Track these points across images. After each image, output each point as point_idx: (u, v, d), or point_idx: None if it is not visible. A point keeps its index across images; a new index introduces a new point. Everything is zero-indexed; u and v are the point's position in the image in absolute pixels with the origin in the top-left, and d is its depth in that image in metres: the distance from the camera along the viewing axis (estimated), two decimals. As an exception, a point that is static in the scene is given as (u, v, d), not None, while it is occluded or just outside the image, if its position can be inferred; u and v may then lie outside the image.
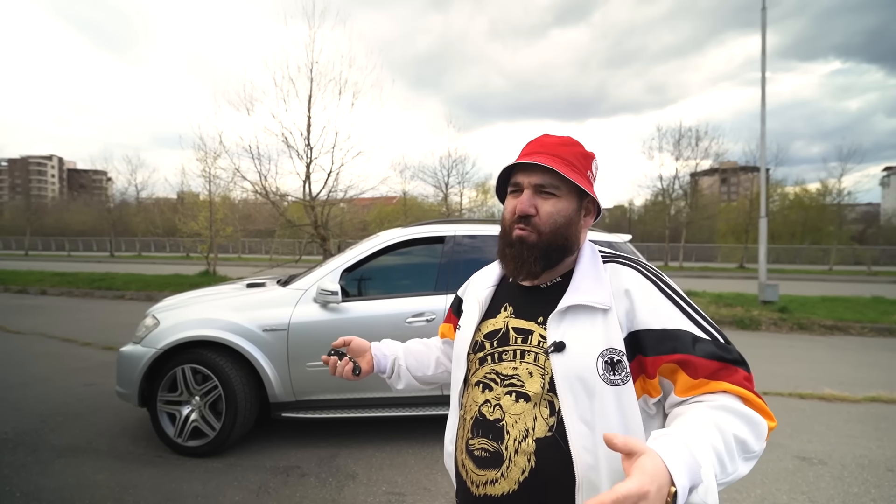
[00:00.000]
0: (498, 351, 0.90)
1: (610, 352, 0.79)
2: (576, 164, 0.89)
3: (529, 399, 0.84)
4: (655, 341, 0.79)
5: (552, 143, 0.90)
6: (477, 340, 0.94)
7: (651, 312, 0.81)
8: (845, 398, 4.23)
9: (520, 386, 0.85)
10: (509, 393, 0.86)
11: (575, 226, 0.89)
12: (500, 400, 0.86)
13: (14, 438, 3.15)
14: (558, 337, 0.82)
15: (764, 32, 10.01)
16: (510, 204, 0.91)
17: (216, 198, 15.16)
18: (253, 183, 10.18)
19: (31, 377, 4.49)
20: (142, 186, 31.78)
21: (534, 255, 0.87)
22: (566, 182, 0.87)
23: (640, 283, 0.85)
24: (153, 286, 11.16)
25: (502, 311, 0.94)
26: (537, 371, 0.84)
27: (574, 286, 0.85)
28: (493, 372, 0.89)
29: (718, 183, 53.77)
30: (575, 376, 0.79)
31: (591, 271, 0.87)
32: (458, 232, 3.40)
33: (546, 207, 0.87)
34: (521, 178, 0.89)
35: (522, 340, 0.88)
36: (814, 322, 7.72)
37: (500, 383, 0.87)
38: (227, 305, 3.17)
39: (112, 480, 2.66)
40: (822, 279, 18.91)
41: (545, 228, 0.87)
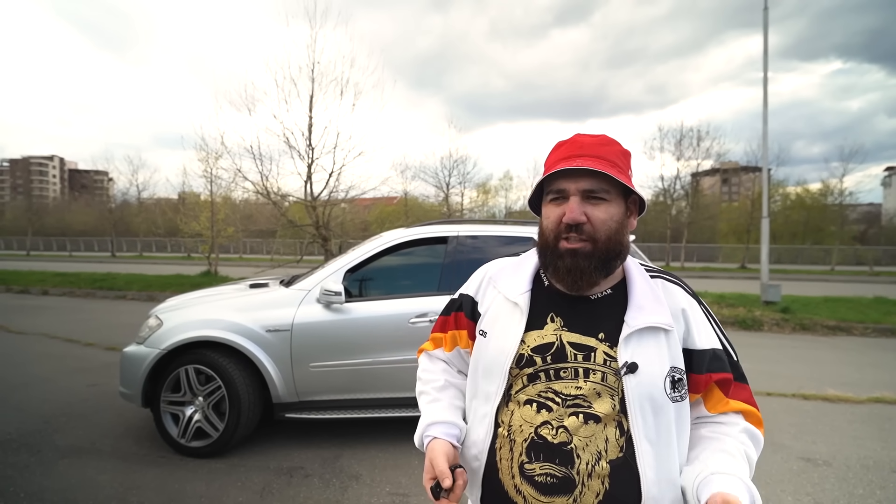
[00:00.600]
0: (554, 368, 0.84)
1: (674, 371, 0.82)
2: (619, 163, 0.85)
3: (600, 420, 0.81)
4: (703, 360, 0.84)
5: (592, 144, 0.85)
6: (522, 354, 0.86)
7: (702, 333, 0.86)
8: (849, 399, 4.22)
9: (587, 407, 0.82)
10: (575, 414, 0.82)
11: (625, 228, 0.87)
12: (565, 421, 0.82)
13: (18, 439, 3.15)
14: (629, 357, 0.80)
15: (766, 32, 9.99)
16: (553, 212, 0.85)
17: (218, 198, 15.18)
18: (254, 183, 10.21)
19: (34, 378, 4.49)
20: (143, 187, 31.82)
21: (592, 264, 0.83)
22: (615, 184, 0.84)
23: (691, 303, 0.89)
24: (155, 286, 11.17)
25: (549, 322, 0.87)
26: (606, 392, 0.82)
27: (636, 304, 0.84)
28: (550, 391, 0.84)
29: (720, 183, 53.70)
30: (646, 397, 0.80)
31: (647, 288, 0.87)
32: (462, 232, 3.40)
33: (598, 214, 0.83)
34: (566, 184, 0.83)
35: (584, 358, 0.83)
36: (816, 323, 7.71)
37: (563, 404, 0.82)
38: (230, 306, 3.17)
39: (116, 481, 2.65)
40: (824, 279, 18.88)
41: (601, 236, 0.83)
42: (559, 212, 0.84)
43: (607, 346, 0.83)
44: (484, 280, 1.00)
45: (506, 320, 0.90)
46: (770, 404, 4.09)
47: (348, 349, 3.05)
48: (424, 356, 1.07)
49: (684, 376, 0.82)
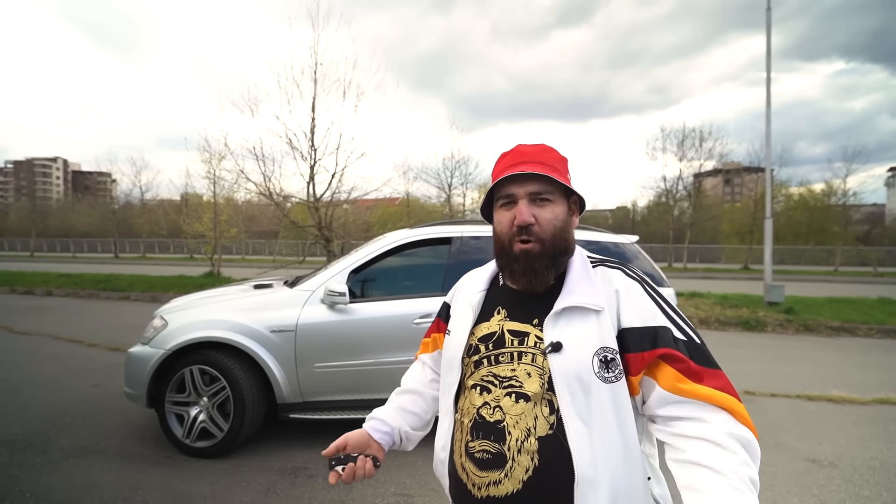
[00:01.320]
0: (494, 353, 0.91)
1: (604, 350, 0.82)
2: (559, 167, 0.93)
3: (529, 399, 0.85)
4: (639, 338, 0.82)
5: (533, 152, 0.93)
6: (471, 344, 0.94)
7: (636, 311, 0.85)
8: (854, 400, 4.20)
9: (519, 386, 0.86)
10: (509, 394, 0.87)
11: (569, 226, 0.94)
12: (500, 401, 0.87)
13: (23, 439, 3.16)
14: (555, 338, 0.84)
15: (769, 32, 9.97)
16: (505, 216, 0.92)
17: (220, 199, 15.23)
18: (257, 184, 10.23)
19: (39, 378, 4.51)
20: (146, 188, 31.91)
21: (543, 263, 0.89)
22: (557, 186, 0.91)
23: (627, 284, 0.89)
24: (158, 287, 11.20)
25: (496, 315, 0.95)
26: (536, 371, 0.86)
27: (567, 289, 0.88)
28: (491, 374, 0.90)
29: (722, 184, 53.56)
30: (572, 375, 0.81)
31: (583, 274, 0.90)
32: (465, 233, 3.40)
33: (545, 214, 0.90)
34: (514, 189, 0.90)
35: (519, 342, 0.89)
36: (820, 323, 7.68)
37: (499, 385, 0.88)
38: (234, 306, 3.18)
39: (121, 481, 2.66)
40: (827, 280, 18.81)
41: (546, 235, 0.89)
42: (510, 215, 0.91)
43: (538, 330, 0.88)
44: (457, 288, 1.11)
45: (463, 317, 0.99)
46: (774, 405, 4.08)
47: (352, 350, 3.06)
48: (416, 361, 1.19)
49: (617, 356, 0.82)
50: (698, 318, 8.05)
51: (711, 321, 7.98)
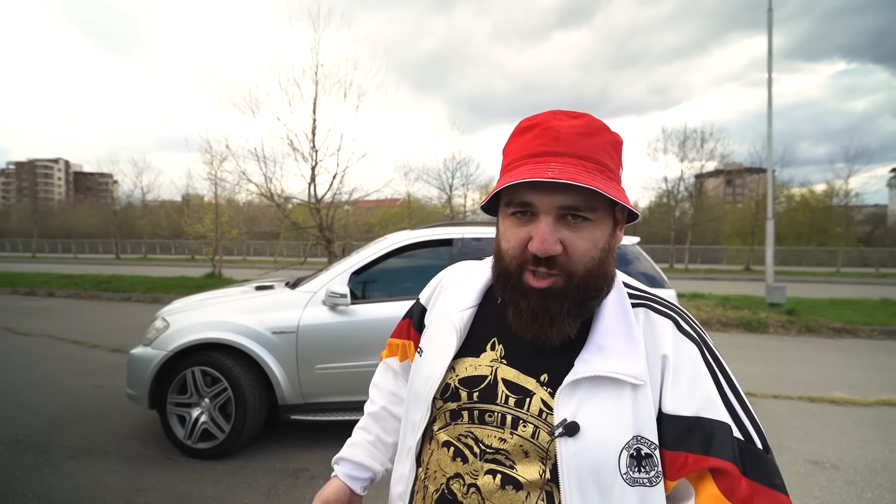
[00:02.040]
0: (479, 408, 0.66)
1: (638, 441, 0.58)
2: (610, 163, 0.61)
3: (521, 488, 0.62)
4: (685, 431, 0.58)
5: (572, 134, 0.60)
6: (449, 384, 0.69)
7: (687, 391, 0.59)
8: (856, 402, 4.19)
9: (509, 467, 0.63)
10: (492, 473, 0.63)
11: (612, 253, 0.64)
12: (479, 479, 0.64)
13: (25, 440, 3.17)
14: (570, 414, 0.59)
15: (770, 33, 9.97)
16: (515, 233, 0.62)
17: (222, 200, 15.27)
18: (258, 185, 10.24)
19: (41, 379, 4.52)
20: (147, 189, 32.00)
21: (564, 307, 0.60)
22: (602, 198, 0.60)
23: (681, 346, 0.62)
24: (159, 288, 11.22)
25: (488, 350, 0.68)
26: (535, 452, 0.62)
27: (596, 342, 0.62)
28: (471, 435, 0.66)
29: (723, 184, 53.53)
30: (588, 470, 0.58)
31: (621, 322, 0.63)
32: (467, 235, 3.40)
33: (579, 242, 0.60)
34: (535, 197, 0.59)
35: (517, 403, 0.64)
36: (822, 324, 7.67)
37: (481, 456, 0.64)
38: (236, 308, 3.18)
39: (122, 482, 2.67)
40: (829, 281, 18.77)
41: (578, 269, 0.60)
42: (523, 234, 0.61)
43: (547, 393, 0.63)
44: (438, 287, 0.82)
45: (441, 341, 0.72)
46: (776, 407, 4.07)
47: (354, 351, 3.06)
48: (381, 365, 0.95)
49: (655, 452, 0.58)
50: (700, 319, 8.05)
51: (713, 322, 7.98)
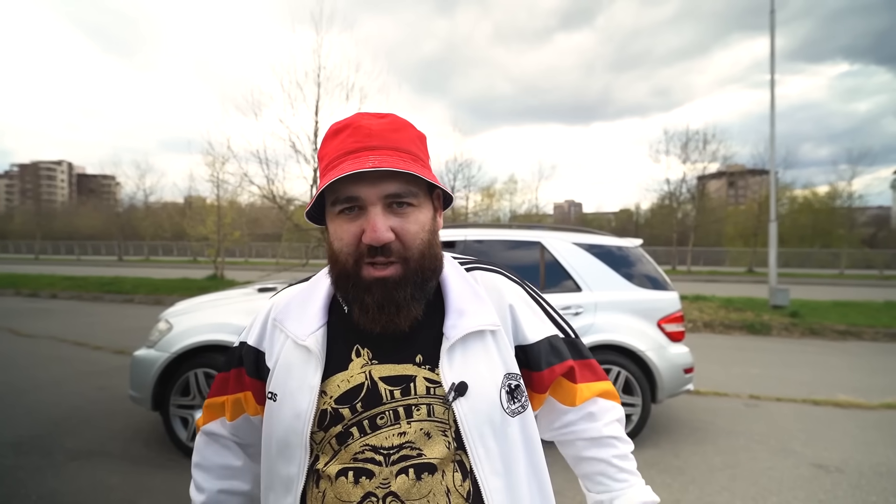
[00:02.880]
0: (368, 416, 0.64)
1: (509, 378, 0.67)
2: (419, 153, 0.67)
3: (436, 469, 0.62)
4: (545, 352, 0.72)
5: (383, 131, 0.64)
6: (325, 410, 0.65)
7: (532, 323, 0.73)
8: (860, 405, 4.17)
9: (417, 456, 0.62)
10: (403, 471, 0.62)
11: (437, 234, 0.69)
12: (392, 485, 0.62)
13: (28, 442, 3.18)
14: (455, 377, 0.63)
15: (773, 36, 9.97)
16: (346, 230, 0.63)
17: (224, 202, 15.32)
18: (260, 187, 10.29)
19: (44, 381, 4.53)
20: (150, 191, 32.12)
21: (409, 292, 0.63)
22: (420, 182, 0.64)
23: (518, 293, 0.75)
24: (162, 290, 11.25)
25: (355, 358, 0.67)
26: (436, 429, 0.63)
27: (455, 307, 0.67)
28: (367, 448, 0.63)
29: (726, 186, 53.44)
30: (484, 420, 0.63)
31: (464, 285, 0.70)
32: (469, 237, 3.40)
33: (409, 226, 0.63)
34: (361, 190, 0.61)
35: (402, 392, 0.64)
36: (826, 327, 7.64)
37: (386, 462, 0.62)
38: (239, 310, 3.19)
39: (125, 484, 2.67)
40: (833, 283, 18.70)
41: (413, 253, 0.63)
42: (355, 229, 0.62)
43: (428, 370, 0.65)
44: (268, 323, 0.74)
45: (299, 373, 0.66)
46: (780, 409, 4.05)
47: (356, 353, 3.05)
48: (200, 438, 0.81)
49: (521, 381, 0.68)
50: (702, 321, 8.03)
51: (716, 325, 7.95)
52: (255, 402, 0.74)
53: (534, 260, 3.37)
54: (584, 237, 3.56)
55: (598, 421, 0.77)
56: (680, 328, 3.44)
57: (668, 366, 3.28)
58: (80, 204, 58.42)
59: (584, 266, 3.37)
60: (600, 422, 0.77)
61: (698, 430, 3.58)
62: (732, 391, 4.52)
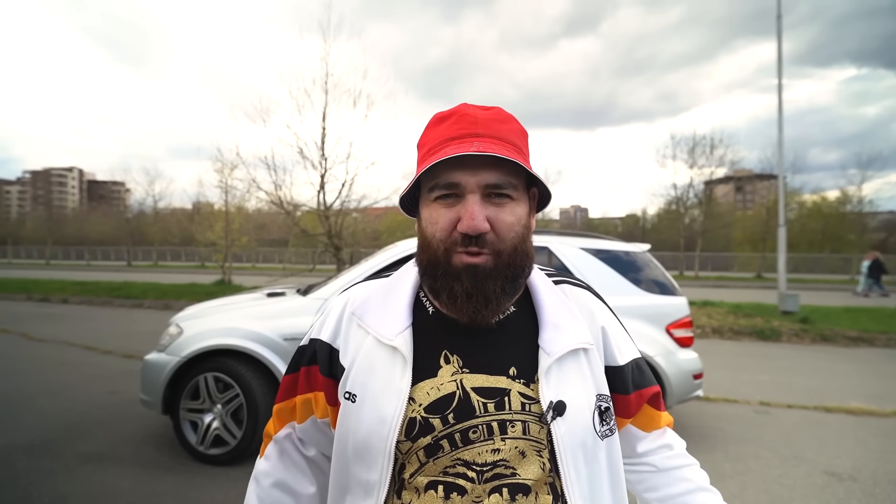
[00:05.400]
0: (460, 429, 0.60)
1: (599, 399, 0.65)
2: (522, 147, 0.66)
3: (529, 491, 0.60)
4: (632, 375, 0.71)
5: (489, 120, 0.63)
6: (414, 418, 0.61)
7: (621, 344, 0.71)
8: (873, 412, 4.11)
9: (511, 475, 0.60)
10: (497, 490, 0.59)
11: (530, 234, 0.67)
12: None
13: (41, 445, 3.21)
14: (554, 395, 0.60)
15: (780, 40, 9.94)
16: (442, 215, 0.62)
17: (232, 208, 15.45)
18: (268, 193, 10.37)
19: (56, 385, 4.59)
20: (159, 197, 32.52)
21: (499, 285, 0.61)
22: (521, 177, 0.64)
23: (607, 313, 0.73)
24: (170, 295, 11.34)
25: (444, 365, 0.63)
26: (531, 448, 0.61)
27: (550, 321, 0.64)
28: (460, 463, 0.60)
29: (734, 191, 53.08)
30: (578, 444, 0.61)
31: (554, 296, 0.68)
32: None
33: (505, 217, 0.61)
34: (462, 177, 0.60)
35: (497, 406, 0.61)
36: (837, 333, 7.54)
37: (479, 479, 0.59)
38: (248, 314, 3.21)
39: (136, 487, 2.69)
40: (843, 289, 18.46)
41: (506, 246, 0.61)
42: (451, 215, 0.61)
43: (522, 385, 0.62)
44: (343, 318, 0.71)
45: (383, 374, 0.63)
46: (791, 416, 4.00)
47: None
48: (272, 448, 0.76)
49: (611, 403, 0.67)
50: (711, 327, 7.95)
51: (725, 330, 7.88)
52: (325, 403, 0.70)
53: (541, 265, 3.37)
54: (591, 242, 3.56)
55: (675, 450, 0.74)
56: (688, 333, 3.42)
57: (677, 371, 3.26)
58: (91, 210, 59.17)
59: (591, 271, 3.37)
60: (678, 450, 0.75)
61: (708, 437, 3.54)
62: (742, 397, 4.47)
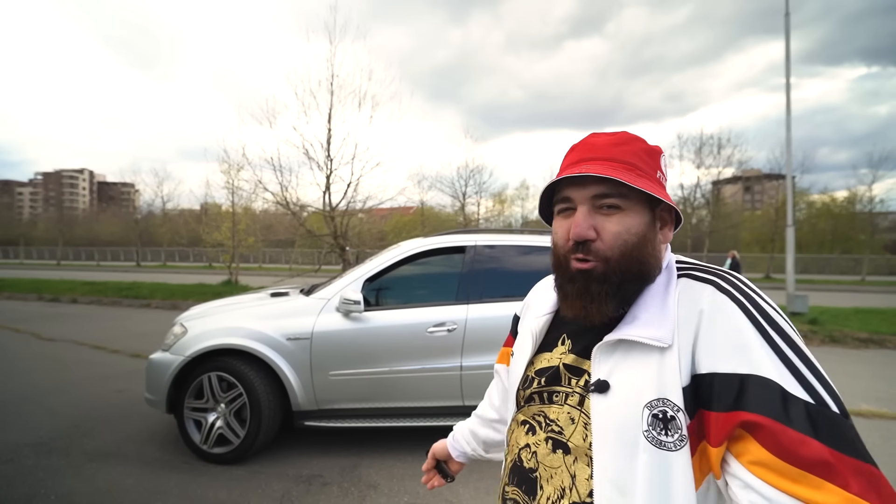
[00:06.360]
0: (548, 390, 0.74)
1: (662, 403, 0.60)
2: (640, 164, 0.70)
3: (570, 451, 0.68)
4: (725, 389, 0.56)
5: (605, 145, 0.71)
6: (528, 376, 0.79)
7: (722, 346, 0.59)
8: (884, 415, 4.05)
9: (558, 433, 0.70)
10: (548, 440, 0.71)
11: (651, 244, 0.69)
12: (538, 447, 0.72)
13: (49, 443, 3.25)
14: (604, 375, 0.66)
15: (788, 39, 9.83)
16: (561, 226, 0.72)
17: (239, 209, 15.55)
18: (274, 194, 10.42)
19: (64, 383, 4.64)
20: (168, 198, 32.86)
21: (605, 289, 0.67)
22: (633, 190, 0.67)
23: (717, 304, 0.62)
24: (178, 295, 11.44)
25: (559, 346, 0.77)
26: (580, 418, 0.68)
27: (632, 314, 0.68)
28: (541, 413, 0.74)
29: (742, 191, 52.57)
30: (616, 427, 0.63)
31: (659, 294, 0.68)
32: (479, 242, 3.40)
33: (611, 226, 0.67)
34: (573, 192, 0.70)
35: (574, 380, 0.72)
36: (847, 335, 7.44)
37: (544, 428, 0.73)
38: (252, 314, 3.23)
39: (140, 485, 2.71)
40: (854, 290, 18.22)
41: (613, 253, 0.67)
42: (567, 226, 0.71)
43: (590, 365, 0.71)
44: (527, 300, 0.94)
45: (524, 344, 0.83)
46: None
47: (367, 358, 3.07)
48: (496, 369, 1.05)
49: (679, 415, 0.58)
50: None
51: (732, 332, 7.79)
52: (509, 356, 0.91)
53: (546, 265, 3.35)
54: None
55: None
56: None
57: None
58: (101, 211, 59.87)
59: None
60: None
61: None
62: (749, 400, 4.42)
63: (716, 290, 0.64)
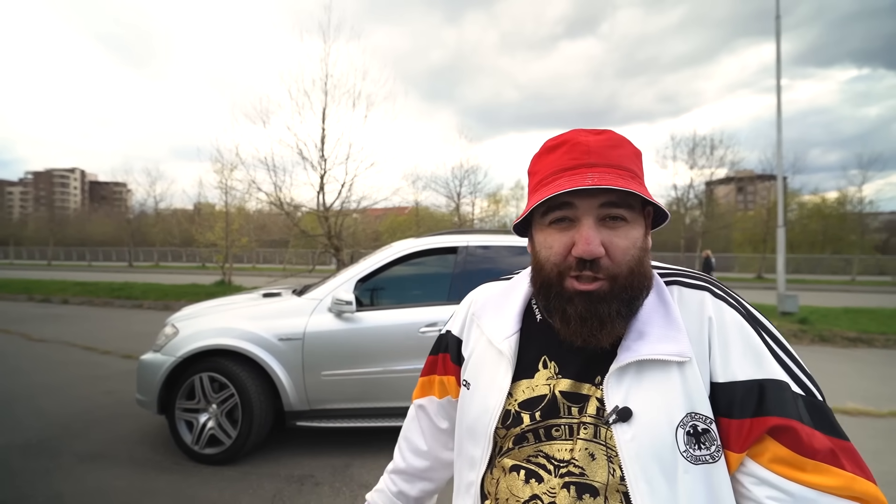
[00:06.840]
0: (545, 426, 0.65)
1: (693, 418, 0.57)
2: (637, 170, 0.65)
3: (598, 494, 0.60)
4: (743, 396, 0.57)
5: (601, 147, 0.63)
6: (509, 410, 0.68)
7: (739, 356, 0.59)
8: (869, 412, 4.11)
9: (579, 475, 0.61)
10: (567, 486, 0.62)
11: (649, 254, 0.65)
12: (557, 496, 0.62)
13: (37, 444, 3.23)
14: (621, 401, 0.60)
15: (778, 41, 9.94)
16: (557, 240, 0.63)
17: (232, 209, 15.49)
18: (268, 194, 10.40)
19: (54, 384, 4.60)
20: (160, 198, 32.63)
21: (613, 308, 0.60)
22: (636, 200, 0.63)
23: (723, 313, 0.62)
24: (170, 296, 11.37)
25: (542, 369, 0.68)
26: (601, 452, 0.61)
27: (637, 327, 0.62)
28: (541, 455, 0.65)
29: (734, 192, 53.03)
30: (650, 455, 0.58)
31: (658, 306, 0.64)
32: (471, 243, 3.42)
33: (619, 241, 0.61)
34: (577, 200, 0.61)
35: (579, 410, 0.64)
36: (836, 334, 7.53)
37: (555, 472, 0.63)
38: (243, 315, 3.23)
39: (131, 487, 2.70)
40: (844, 290, 18.44)
41: (622, 270, 0.61)
42: (565, 240, 0.62)
43: (601, 391, 0.63)
44: (468, 316, 0.81)
45: (490, 370, 0.71)
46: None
47: (359, 358, 3.08)
48: (412, 411, 0.92)
49: (712, 427, 0.57)
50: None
51: (723, 331, 7.87)
52: (455, 385, 0.81)
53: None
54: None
55: None
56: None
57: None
58: (92, 211, 59.33)
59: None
60: None
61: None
62: (739, 398, 4.47)
63: (714, 298, 0.64)
